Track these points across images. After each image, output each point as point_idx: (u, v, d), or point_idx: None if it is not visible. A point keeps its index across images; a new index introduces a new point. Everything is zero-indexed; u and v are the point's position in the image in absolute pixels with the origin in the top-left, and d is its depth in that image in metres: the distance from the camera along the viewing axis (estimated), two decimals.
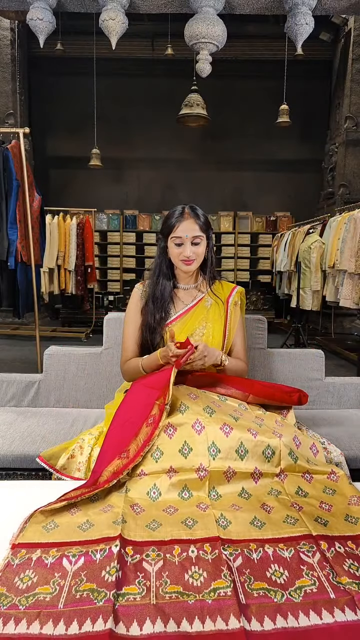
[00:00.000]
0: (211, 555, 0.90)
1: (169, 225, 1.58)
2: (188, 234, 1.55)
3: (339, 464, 1.43)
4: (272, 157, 8.38)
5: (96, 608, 0.76)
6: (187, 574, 0.86)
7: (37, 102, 8.11)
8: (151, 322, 1.62)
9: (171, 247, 1.59)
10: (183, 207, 1.60)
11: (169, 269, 1.67)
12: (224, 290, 1.69)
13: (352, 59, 6.88)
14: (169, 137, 8.01)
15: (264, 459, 1.21)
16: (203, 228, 1.58)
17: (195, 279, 1.69)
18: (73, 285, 6.66)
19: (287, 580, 0.84)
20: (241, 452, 1.20)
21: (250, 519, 1.03)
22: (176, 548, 0.93)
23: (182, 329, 1.62)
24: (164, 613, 0.76)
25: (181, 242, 1.56)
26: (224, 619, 0.75)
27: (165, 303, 1.64)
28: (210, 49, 2.59)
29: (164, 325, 1.62)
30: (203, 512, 1.06)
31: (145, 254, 8.36)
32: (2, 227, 3.43)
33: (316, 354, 2.15)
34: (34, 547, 0.93)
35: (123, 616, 0.75)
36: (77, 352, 2.10)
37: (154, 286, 1.66)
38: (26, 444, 1.69)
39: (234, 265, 8.33)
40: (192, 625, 0.74)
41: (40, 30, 2.49)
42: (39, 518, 1.02)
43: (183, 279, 1.68)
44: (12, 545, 0.94)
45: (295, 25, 2.43)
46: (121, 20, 2.48)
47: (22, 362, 4.88)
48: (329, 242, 5.09)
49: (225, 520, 1.03)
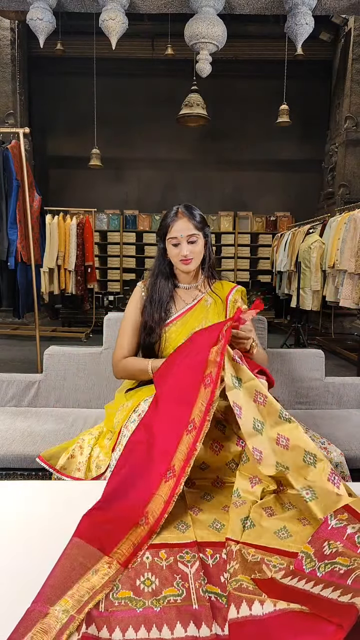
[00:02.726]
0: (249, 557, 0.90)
1: (165, 226, 1.60)
2: (183, 233, 1.56)
3: (339, 464, 1.43)
4: (272, 157, 8.38)
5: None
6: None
7: (37, 102, 8.11)
8: (150, 323, 1.62)
9: (169, 248, 1.60)
10: (177, 208, 1.61)
11: (168, 269, 1.67)
12: (224, 289, 1.69)
13: (352, 59, 6.88)
14: (169, 137, 8.01)
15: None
16: (198, 226, 1.58)
17: (195, 279, 1.69)
18: (73, 285, 6.66)
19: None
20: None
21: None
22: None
23: (183, 328, 1.62)
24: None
25: (178, 242, 1.57)
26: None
27: (165, 304, 1.64)
28: (210, 49, 2.59)
29: (164, 325, 1.63)
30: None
31: (145, 254, 8.36)
32: (2, 227, 3.43)
33: (316, 354, 2.15)
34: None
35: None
36: (77, 352, 2.10)
37: (152, 287, 1.67)
38: (26, 444, 1.69)
39: (234, 265, 8.33)
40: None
41: (40, 30, 2.50)
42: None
43: (183, 279, 1.69)
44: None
45: (295, 25, 2.43)
46: (121, 20, 2.48)
47: (22, 362, 4.88)
48: (329, 242, 5.09)
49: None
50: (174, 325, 1.63)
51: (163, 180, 8.51)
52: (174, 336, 1.61)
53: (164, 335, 1.61)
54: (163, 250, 1.64)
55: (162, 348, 1.62)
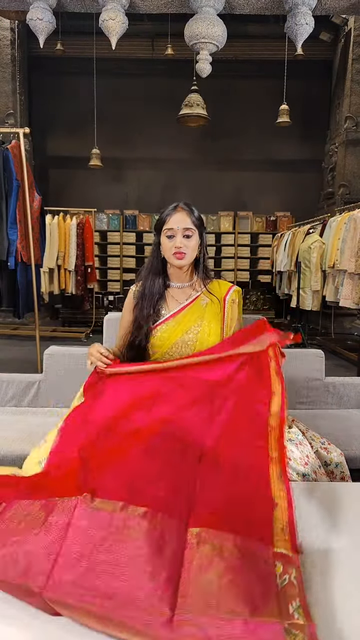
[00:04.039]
0: None
1: (162, 218, 1.60)
2: (180, 225, 1.56)
3: (339, 464, 1.42)
4: (272, 157, 8.38)
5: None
6: None
7: (37, 102, 8.11)
8: (139, 319, 1.61)
9: (164, 241, 1.59)
10: (177, 203, 1.61)
11: (160, 266, 1.67)
12: (221, 289, 1.68)
13: (352, 59, 6.88)
14: (169, 137, 8.00)
15: None
16: (196, 223, 1.58)
17: (189, 277, 1.68)
18: (73, 285, 6.66)
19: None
20: None
21: None
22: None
23: (177, 328, 1.61)
24: None
25: (173, 234, 1.56)
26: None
27: (154, 300, 1.63)
28: (210, 49, 2.59)
29: (155, 325, 1.61)
30: None
31: (145, 254, 8.34)
32: (2, 227, 3.43)
33: (316, 354, 2.15)
34: None
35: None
36: (77, 352, 2.10)
37: (144, 283, 1.66)
38: (26, 444, 1.69)
39: (234, 265, 8.33)
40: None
41: (40, 30, 2.49)
42: None
43: (176, 277, 1.67)
44: None
45: (295, 25, 2.43)
46: (121, 20, 2.48)
47: (22, 362, 4.88)
48: (329, 242, 5.09)
49: None
50: (166, 324, 1.61)
51: (163, 180, 8.51)
52: (167, 335, 1.60)
53: (157, 335, 1.60)
54: (158, 245, 1.63)
55: (155, 347, 1.60)
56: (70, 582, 0.72)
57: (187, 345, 1.59)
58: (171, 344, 1.59)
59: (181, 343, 1.59)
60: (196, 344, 1.59)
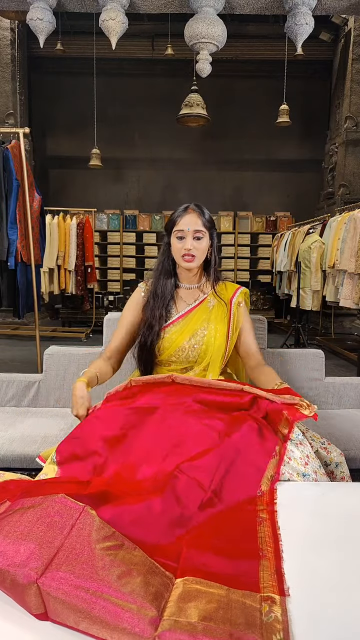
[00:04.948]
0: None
1: (173, 219, 1.59)
2: (190, 227, 1.55)
3: (339, 464, 1.42)
4: (272, 157, 8.38)
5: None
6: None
7: (37, 102, 8.11)
8: (150, 319, 1.60)
9: (174, 242, 1.58)
10: (188, 204, 1.60)
11: (171, 267, 1.66)
12: (228, 291, 1.67)
13: (352, 59, 6.88)
14: (169, 137, 8.01)
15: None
16: (206, 224, 1.57)
17: (198, 279, 1.68)
18: (73, 285, 6.66)
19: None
20: None
21: None
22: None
23: (184, 329, 1.61)
24: None
25: (183, 236, 1.56)
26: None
27: (166, 301, 1.62)
28: (210, 49, 2.59)
29: (164, 326, 1.62)
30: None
31: (145, 254, 8.36)
32: (2, 227, 3.43)
33: (316, 354, 2.15)
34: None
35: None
36: (77, 352, 2.10)
37: (155, 283, 1.65)
38: (26, 444, 1.69)
39: (234, 265, 8.33)
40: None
41: (40, 30, 2.49)
42: None
43: (185, 278, 1.67)
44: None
45: (295, 25, 2.43)
46: (121, 20, 2.48)
47: (22, 362, 4.88)
48: (329, 242, 5.09)
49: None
50: (174, 326, 1.61)
51: (163, 180, 8.51)
52: (175, 337, 1.60)
53: (165, 337, 1.60)
54: (168, 245, 1.62)
55: (161, 349, 1.61)
56: (64, 578, 0.73)
57: (193, 349, 1.59)
58: (178, 346, 1.59)
59: (187, 346, 1.59)
60: (202, 347, 1.59)
